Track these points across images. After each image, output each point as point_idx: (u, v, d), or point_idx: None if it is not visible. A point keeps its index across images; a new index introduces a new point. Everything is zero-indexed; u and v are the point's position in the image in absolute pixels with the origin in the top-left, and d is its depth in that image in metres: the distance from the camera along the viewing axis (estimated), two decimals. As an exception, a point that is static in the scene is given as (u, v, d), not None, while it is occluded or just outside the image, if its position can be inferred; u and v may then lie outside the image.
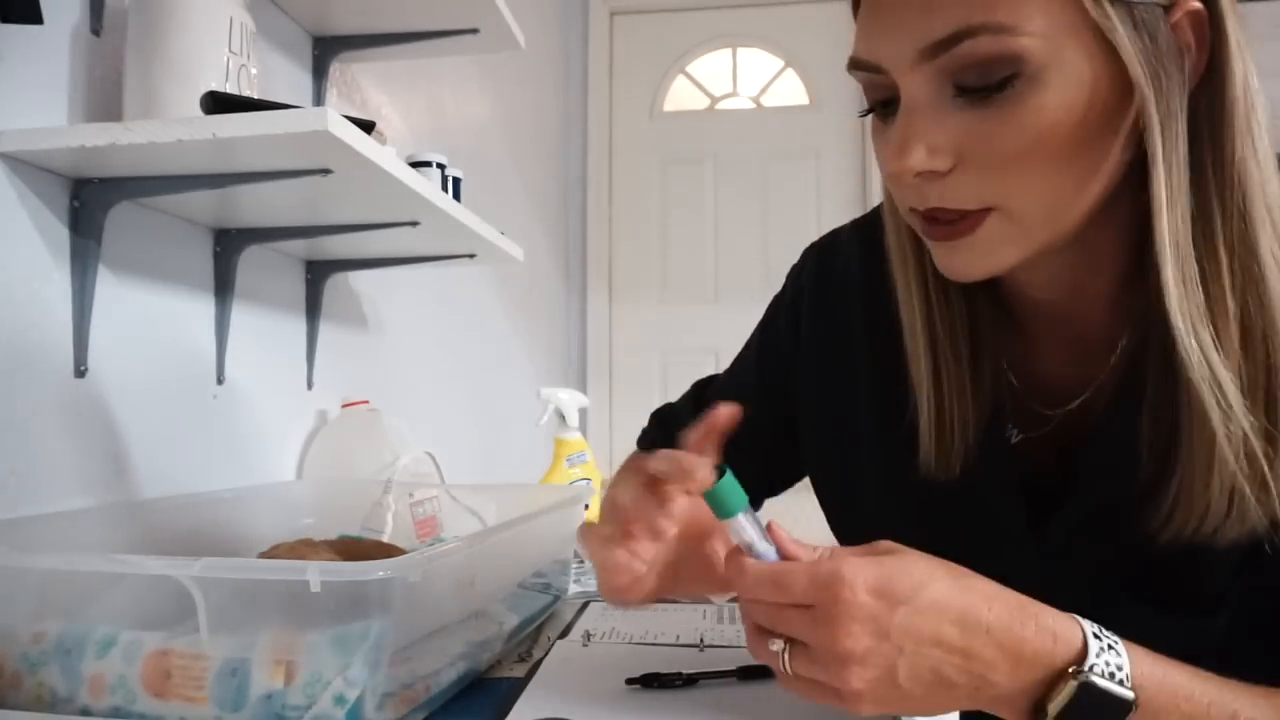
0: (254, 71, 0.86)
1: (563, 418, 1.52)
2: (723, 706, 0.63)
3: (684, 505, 0.57)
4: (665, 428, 0.84)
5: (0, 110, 0.75)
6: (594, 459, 1.57)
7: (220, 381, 1.04)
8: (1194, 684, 0.48)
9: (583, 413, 1.54)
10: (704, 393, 0.85)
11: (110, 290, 0.87)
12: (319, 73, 1.24)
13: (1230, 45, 0.49)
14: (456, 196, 1.22)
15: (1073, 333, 0.60)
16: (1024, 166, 0.49)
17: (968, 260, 0.53)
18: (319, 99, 1.24)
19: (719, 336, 3.01)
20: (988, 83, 0.48)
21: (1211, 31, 0.49)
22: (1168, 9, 0.48)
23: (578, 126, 3.00)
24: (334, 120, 0.72)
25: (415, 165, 1.13)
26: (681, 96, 3.05)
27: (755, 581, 0.50)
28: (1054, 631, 0.48)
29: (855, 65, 0.53)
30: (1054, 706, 0.47)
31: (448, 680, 0.63)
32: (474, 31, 1.25)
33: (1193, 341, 0.49)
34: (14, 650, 0.58)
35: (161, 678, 0.55)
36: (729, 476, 0.51)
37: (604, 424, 2.95)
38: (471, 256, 1.25)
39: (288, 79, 1.18)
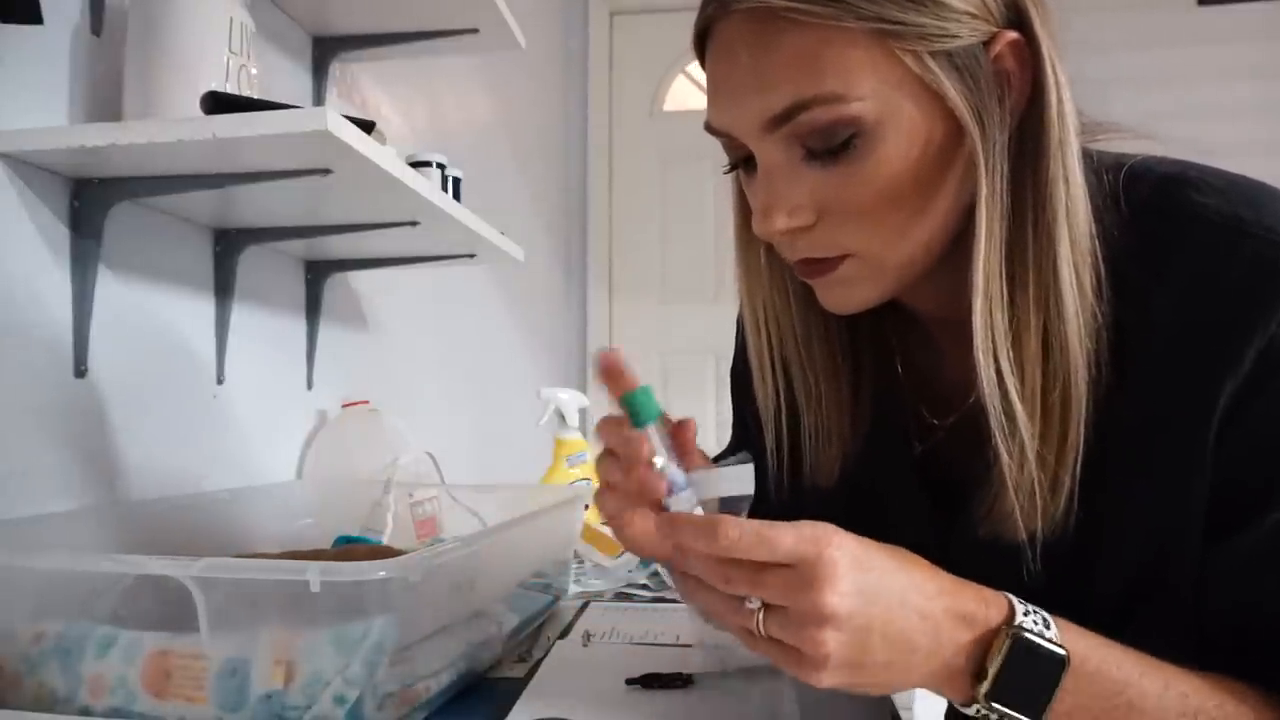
0: (254, 71, 0.86)
1: (563, 418, 1.51)
2: (723, 706, 0.63)
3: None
4: None
5: (0, 110, 0.75)
6: (594, 459, 1.56)
7: (220, 381, 1.04)
8: (1124, 654, 0.50)
9: (583, 413, 1.54)
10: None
11: (110, 290, 0.87)
12: (319, 73, 1.24)
13: (1045, 66, 0.52)
14: (456, 196, 1.21)
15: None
16: (876, 214, 0.53)
17: (839, 295, 0.58)
18: (319, 99, 1.24)
19: (719, 336, 2.99)
20: (831, 145, 0.52)
21: (1030, 53, 0.52)
22: (987, 44, 0.51)
23: (578, 126, 3.00)
24: (334, 120, 0.72)
25: (415, 165, 1.13)
26: (681, 96, 3.04)
27: (740, 538, 0.46)
28: (984, 596, 0.50)
29: (710, 130, 0.57)
30: (992, 666, 0.48)
31: (448, 680, 0.63)
32: (474, 31, 1.25)
33: (991, 371, 0.52)
34: (14, 650, 0.58)
35: (161, 678, 0.55)
36: (647, 389, 0.54)
37: (604, 424, 2.95)
38: (471, 256, 1.25)
39: (288, 79, 1.18)
